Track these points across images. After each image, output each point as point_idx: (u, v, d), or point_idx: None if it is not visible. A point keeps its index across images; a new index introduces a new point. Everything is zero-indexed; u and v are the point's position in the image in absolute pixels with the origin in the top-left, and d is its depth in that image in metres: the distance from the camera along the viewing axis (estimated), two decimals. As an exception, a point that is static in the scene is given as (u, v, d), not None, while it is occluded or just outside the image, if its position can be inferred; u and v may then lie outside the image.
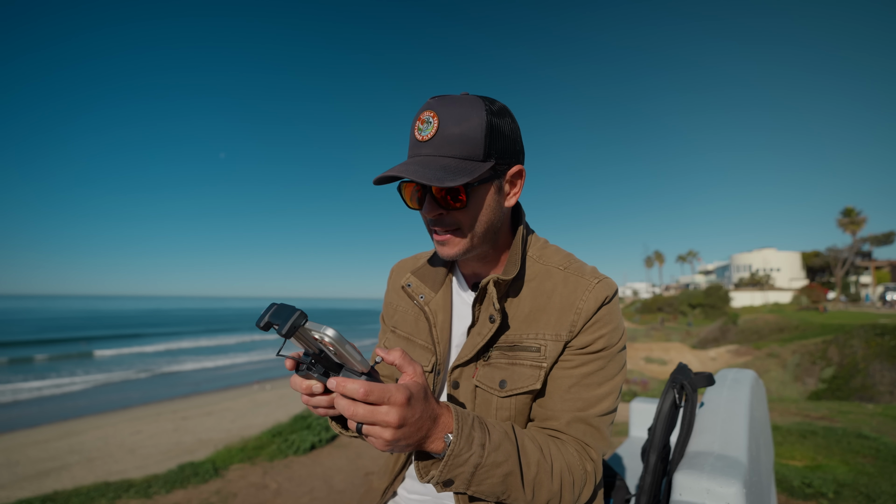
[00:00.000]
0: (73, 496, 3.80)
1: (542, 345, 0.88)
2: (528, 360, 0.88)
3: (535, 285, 0.92)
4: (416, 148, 0.82)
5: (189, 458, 5.34)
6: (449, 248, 0.87)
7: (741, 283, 56.63)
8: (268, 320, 0.67)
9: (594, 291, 0.88)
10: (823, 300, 43.25)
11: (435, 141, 0.80)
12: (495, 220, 0.88)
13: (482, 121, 0.81)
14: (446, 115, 0.80)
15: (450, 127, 0.80)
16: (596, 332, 0.87)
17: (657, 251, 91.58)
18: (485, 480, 0.72)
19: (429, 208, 0.83)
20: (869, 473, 3.71)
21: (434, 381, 0.96)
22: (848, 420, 5.85)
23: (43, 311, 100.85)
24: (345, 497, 3.81)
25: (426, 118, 0.81)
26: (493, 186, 0.86)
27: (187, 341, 39.53)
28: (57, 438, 9.06)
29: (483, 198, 0.85)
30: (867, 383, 17.92)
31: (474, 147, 0.80)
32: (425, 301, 1.00)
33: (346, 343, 0.68)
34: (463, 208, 0.83)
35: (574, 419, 0.86)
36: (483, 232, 0.87)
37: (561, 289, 0.90)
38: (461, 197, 0.82)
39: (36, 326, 54.64)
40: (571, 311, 0.87)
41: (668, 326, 41.85)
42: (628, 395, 12.62)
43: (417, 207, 0.87)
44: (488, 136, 0.81)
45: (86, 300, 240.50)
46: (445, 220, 0.85)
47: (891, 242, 50.18)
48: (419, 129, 0.82)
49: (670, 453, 1.23)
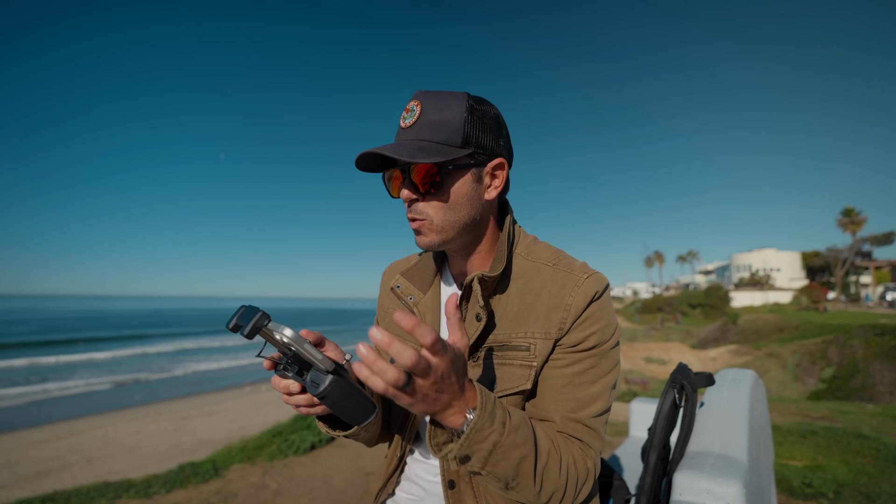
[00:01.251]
0: (73, 496, 3.80)
1: (532, 343, 0.86)
2: (518, 360, 0.86)
3: (523, 282, 0.90)
4: (399, 135, 0.85)
5: (189, 458, 5.34)
6: (423, 236, 0.86)
7: (741, 283, 56.62)
8: (235, 322, 0.69)
9: (583, 287, 0.86)
10: (823, 300, 43.22)
11: (416, 127, 0.82)
12: (473, 212, 0.87)
13: (462, 108, 0.83)
14: (429, 104, 0.83)
15: (431, 114, 0.82)
16: (587, 329, 0.85)
17: (657, 251, 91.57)
18: (500, 461, 0.69)
19: (405, 193, 0.84)
20: (869, 473, 3.71)
21: None
22: (848, 420, 5.85)
23: (43, 311, 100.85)
24: (345, 497, 3.81)
25: (411, 107, 0.84)
26: (471, 175, 0.85)
27: (187, 341, 39.51)
28: (57, 438, 9.06)
29: (458, 185, 0.84)
30: (867, 383, 17.91)
31: (452, 132, 0.82)
32: (414, 302, 1.00)
33: (304, 342, 0.70)
34: (437, 193, 0.83)
35: (569, 419, 0.85)
36: (459, 222, 0.86)
37: (549, 285, 0.88)
38: (436, 179, 0.82)
39: (36, 326, 54.63)
40: (560, 307, 0.85)
41: (668, 326, 41.84)
42: (628, 395, 12.62)
43: (398, 195, 0.88)
44: (467, 123, 0.82)
45: (86, 300, 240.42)
46: (419, 206, 0.85)
47: (891, 242, 50.18)
48: (403, 118, 0.85)
49: (670, 453, 1.23)
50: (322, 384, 0.72)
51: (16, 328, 51.48)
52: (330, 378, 0.72)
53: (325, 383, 0.72)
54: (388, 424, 1.05)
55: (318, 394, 0.72)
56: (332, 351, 0.84)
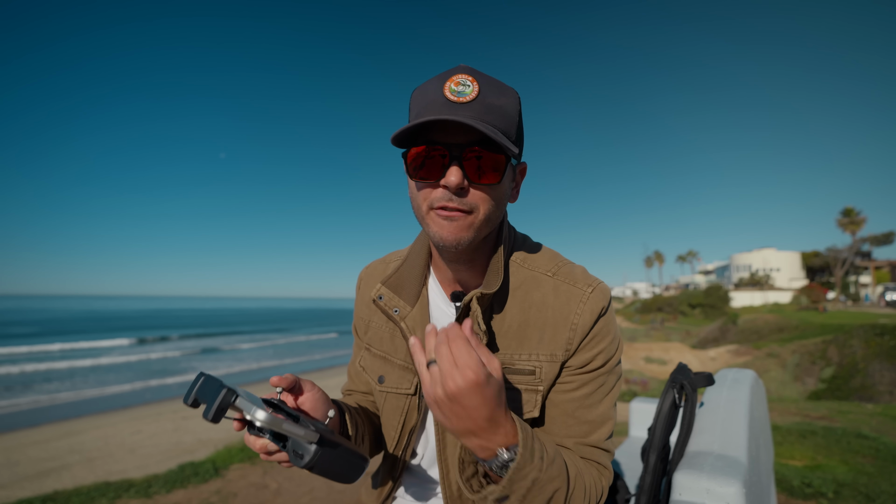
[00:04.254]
0: (74, 496, 3.80)
1: (537, 367, 0.80)
2: (523, 384, 0.80)
3: (522, 295, 0.83)
4: (450, 109, 0.68)
5: (189, 457, 5.33)
6: (457, 231, 0.72)
7: (741, 283, 56.64)
8: (194, 398, 0.61)
9: (589, 303, 0.79)
10: (823, 300, 43.21)
11: (475, 105, 0.68)
12: (502, 212, 0.79)
13: (517, 100, 0.74)
14: (485, 83, 0.70)
15: (491, 96, 0.70)
16: (595, 349, 0.80)
17: (657, 251, 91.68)
18: (537, 496, 0.65)
19: (458, 177, 0.68)
20: (869, 473, 3.71)
21: (418, 404, 0.88)
22: (847, 420, 5.85)
23: (43, 311, 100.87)
24: (345, 497, 3.81)
25: (462, 80, 0.70)
26: (513, 173, 0.78)
27: (187, 341, 39.52)
28: (57, 438, 9.06)
29: (507, 181, 0.76)
30: (867, 383, 17.92)
31: (511, 124, 0.72)
32: (400, 316, 0.87)
33: (282, 423, 0.63)
34: (493, 185, 0.72)
35: (582, 444, 0.82)
36: (493, 222, 0.76)
37: (552, 301, 0.81)
38: (499, 171, 0.71)
39: (36, 326, 54.64)
40: (566, 327, 0.79)
41: (667, 326, 41.85)
42: (628, 394, 12.61)
43: (428, 178, 0.72)
44: (519, 118, 0.75)
45: (86, 300, 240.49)
46: (468, 196, 0.71)
47: (890, 242, 50.23)
48: (452, 90, 0.69)
49: (670, 453, 1.23)
50: (307, 455, 0.65)
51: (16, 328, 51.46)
52: (314, 448, 0.65)
53: (309, 454, 0.65)
54: (379, 446, 1.00)
55: (304, 466, 0.65)
56: (308, 394, 0.75)
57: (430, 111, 0.68)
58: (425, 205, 0.74)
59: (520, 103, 0.75)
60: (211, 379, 0.61)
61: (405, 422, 0.90)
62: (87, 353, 29.92)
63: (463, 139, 0.69)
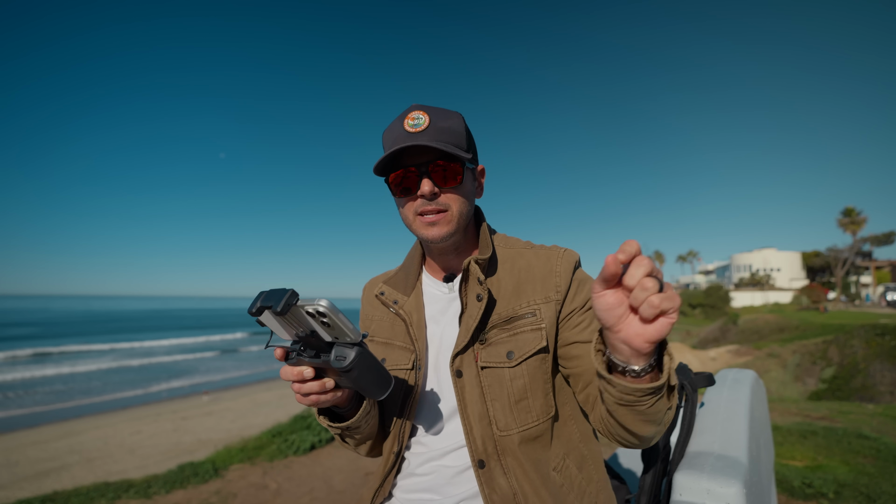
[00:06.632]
0: (73, 496, 3.80)
1: (536, 309, 0.95)
2: (528, 326, 0.95)
3: (510, 265, 1.01)
4: (412, 138, 0.89)
5: (189, 458, 5.34)
6: (439, 228, 0.93)
7: (741, 283, 56.60)
8: (260, 305, 0.68)
9: (565, 257, 1.00)
10: (824, 300, 43.20)
11: (429, 131, 0.90)
12: (471, 209, 1.00)
13: (461, 119, 0.96)
14: (434, 113, 0.92)
15: (440, 121, 0.91)
16: (584, 290, 0.97)
17: (657, 251, 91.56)
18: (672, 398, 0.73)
19: (429, 186, 0.90)
20: (869, 474, 3.71)
21: (416, 376, 1.00)
22: (848, 420, 5.84)
23: (43, 311, 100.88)
24: (345, 497, 3.81)
25: (416, 115, 0.91)
26: (471, 175, 0.99)
27: (187, 341, 39.51)
28: (57, 438, 9.06)
29: (468, 183, 0.97)
30: (867, 383, 17.90)
31: (459, 138, 0.93)
32: (399, 306, 1.06)
33: (340, 312, 0.69)
34: (457, 187, 0.93)
35: None
36: (466, 215, 0.97)
37: (535, 261, 1.00)
38: (458, 175, 0.92)
39: (36, 326, 54.63)
40: (552, 275, 0.97)
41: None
42: (628, 395, 12.57)
43: (408, 194, 0.94)
44: (466, 132, 0.96)
45: (86, 300, 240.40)
46: (440, 199, 0.93)
47: (891, 242, 50.15)
48: (410, 124, 0.90)
49: (670, 453, 1.23)
50: (349, 357, 0.74)
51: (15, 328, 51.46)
52: (356, 350, 0.74)
53: (351, 356, 0.74)
54: (383, 424, 1.06)
55: (346, 366, 0.73)
56: None
57: (398, 143, 0.90)
58: (411, 214, 0.95)
59: (464, 121, 0.96)
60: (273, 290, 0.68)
61: (405, 394, 1.02)
62: (88, 353, 29.93)
63: (426, 158, 0.91)
